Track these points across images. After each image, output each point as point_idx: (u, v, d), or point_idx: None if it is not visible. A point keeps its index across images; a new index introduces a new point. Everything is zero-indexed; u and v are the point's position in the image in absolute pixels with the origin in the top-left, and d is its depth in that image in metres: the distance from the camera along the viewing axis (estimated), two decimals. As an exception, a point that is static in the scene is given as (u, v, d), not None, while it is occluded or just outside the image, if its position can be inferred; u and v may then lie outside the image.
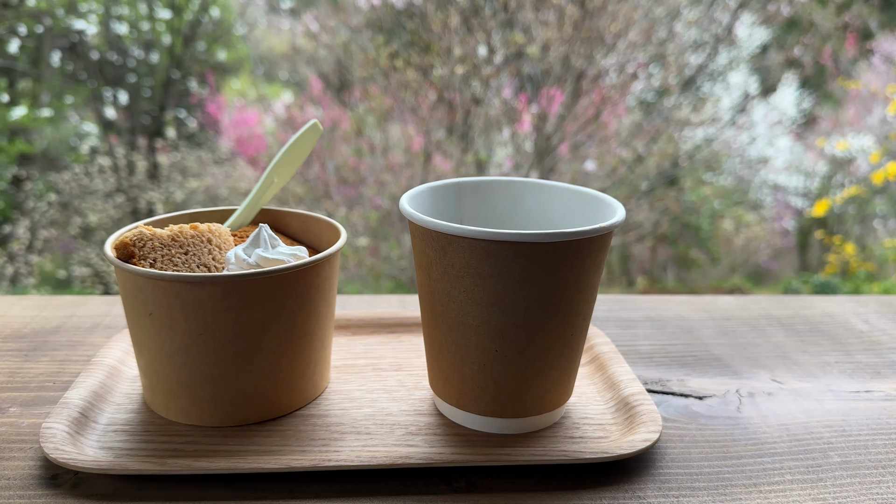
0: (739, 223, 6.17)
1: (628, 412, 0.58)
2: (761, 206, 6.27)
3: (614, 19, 3.66)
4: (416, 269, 0.57)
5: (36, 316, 0.76)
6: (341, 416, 0.58)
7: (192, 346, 0.53)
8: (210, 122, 5.40)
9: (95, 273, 4.99)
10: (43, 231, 4.84)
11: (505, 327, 0.52)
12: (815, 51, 4.71)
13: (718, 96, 4.85)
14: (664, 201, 4.63)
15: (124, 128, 5.21)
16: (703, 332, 0.76)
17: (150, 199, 4.99)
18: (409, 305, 0.82)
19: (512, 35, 3.67)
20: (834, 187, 5.60)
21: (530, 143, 3.99)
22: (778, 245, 6.34)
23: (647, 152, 4.39)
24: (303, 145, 0.68)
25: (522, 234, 0.49)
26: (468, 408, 0.56)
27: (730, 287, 5.95)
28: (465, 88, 3.74)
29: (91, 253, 4.90)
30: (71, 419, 0.54)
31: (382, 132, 4.07)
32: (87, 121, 5.37)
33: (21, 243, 4.69)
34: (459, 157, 3.87)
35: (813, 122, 5.65)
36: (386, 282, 4.25)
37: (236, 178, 5.17)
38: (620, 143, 4.27)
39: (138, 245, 0.54)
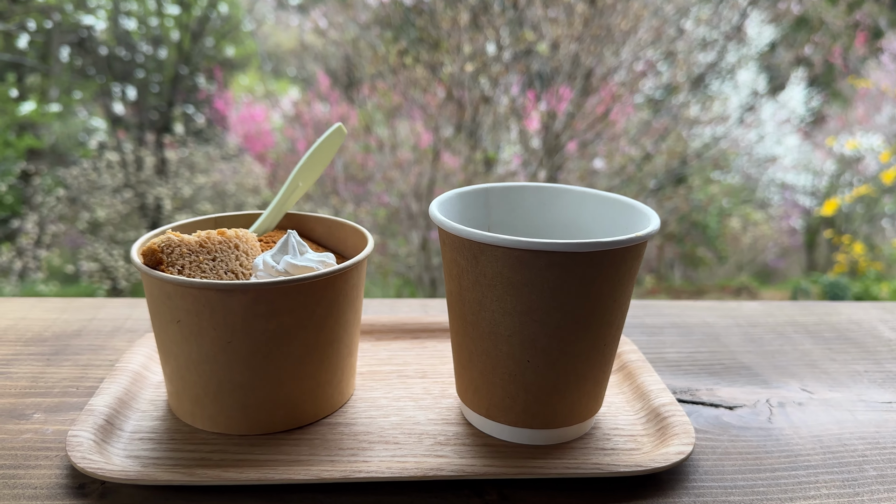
0: (747, 221, 6.15)
1: (659, 423, 0.57)
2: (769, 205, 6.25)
3: (624, 16, 3.64)
4: (445, 276, 0.56)
5: (57, 319, 0.75)
6: (368, 424, 0.57)
7: (220, 354, 0.53)
8: (218, 118, 5.40)
9: (103, 268, 5.00)
10: (51, 226, 4.85)
11: (537, 337, 0.51)
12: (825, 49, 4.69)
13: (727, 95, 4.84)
14: (673, 200, 4.61)
15: (132, 123, 5.21)
16: (730, 340, 0.75)
17: (157, 195, 4.99)
18: (432, 310, 0.81)
19: (522, 33, 3.66)
20: (842, 186, 5.58)
21: (538, 140, 3.98)
22: (785, 244, 6.32)
23: (655, 150, 4.38)
24: (327, 149, 0.68)
25: (557, 243, 0.48)
26: (498, 418, 0.55)
27: (737, 286, 5.93)
28: (475, 86, 3.73)
29: (99, 248, 4.91)
30: (97, 427, 0.54)
31: (390, 129, 4.07)
32: (95, 116, 5.38)
33: (29, 238, 4.70)
34: (468, 154, 3.86)
35: (821, 120, 5.62)
36: (394, 279, 4.24)
37: (244, 174, 5.17)
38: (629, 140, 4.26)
39: (166, 251, 0.53)
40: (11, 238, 4.82)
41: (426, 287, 3.99)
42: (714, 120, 4.58)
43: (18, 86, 4.87)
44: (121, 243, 5.08)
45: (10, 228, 4.78)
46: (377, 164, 4.08)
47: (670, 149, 4.48)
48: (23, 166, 4.85)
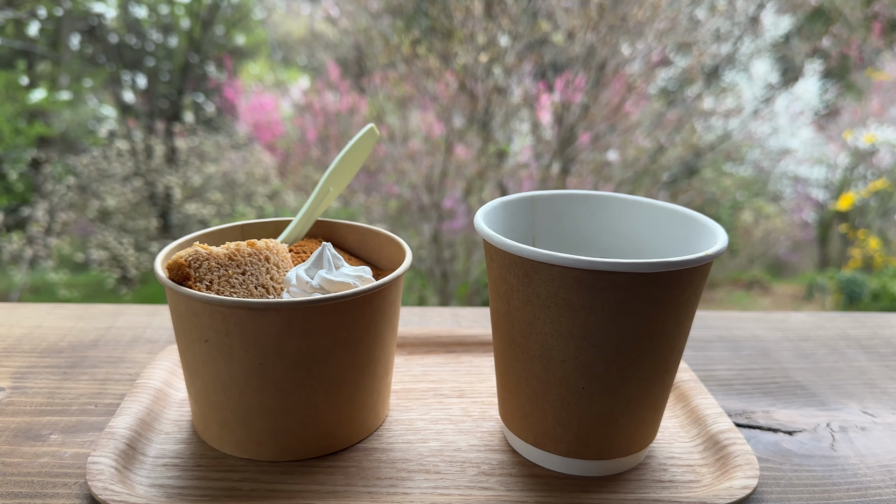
0: (759, 215, 6.09)
1: (719, 452, 0.53)
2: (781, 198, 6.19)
3: (640, 6, 3.58)
4: (490, 293, 0.52)
5: (73, 327, 0.72)
6: (406, 450, 0.54)
7: (250, 376, 0.49)
8: (227, 106, 5.37)
9: (113, 257, 4.99)
10: (61, 214, 4.84)
11: (594, 363, 0.47)
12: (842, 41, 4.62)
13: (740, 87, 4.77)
14: (688, 193, 4.56)
15: (142, 111, 5.18)
16: (782, 355, 0.71)
17: (167, 184, 4.97)
18: (464, 321, 0.77)
19: (537, 23, 3.60)
20: (855, 179, 5.51)
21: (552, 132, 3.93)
22: (797, 237, 6.26)
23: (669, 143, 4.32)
24: (359, 152, 0.64)
25: (621, 263, 0.44)
26: (547, 447, 0.51)
27: (748, 279, 5.88)
28: (488, 77, 3.68)
29: (108, 236, 4.90)
30: (118, 452, 0.50)
31: (402, 119, 4.02)
32: (105, 104, 5.35)
33: (40, 226, 4.69)
34: (481, 146, 3.81)
35: (835, 113, 5.55)
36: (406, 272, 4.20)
37: (253, 163, 5.14)
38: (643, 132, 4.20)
39: (194, 266, 0.49)
40: (22, 226, 4.81)
41: (437, 279, 3.96)
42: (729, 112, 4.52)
43: (29, 73, 4.84)
44: (130, 232, 5.06)
45: (21, 216, 4.77)
46: (388, 154, 4.04)
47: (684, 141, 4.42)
48: (33, 154, 4.84)
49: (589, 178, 4.21)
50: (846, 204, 4.98)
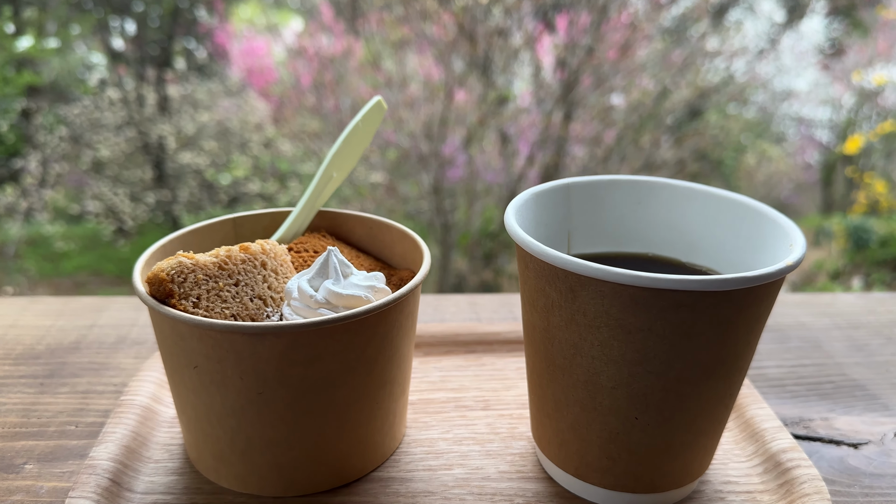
0: (762, 157, 6.00)
1: (781, 476, 0.47)
2: (784, 140, 6.09)
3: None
4: (523, 302, 0.45)
5: (51, 326, 0.65)
6: (428, 480, 0.47)
7: (248, 407, 0.42)
8: (219, 52, 5.21)
9: (108, 208, 4.93)
10: (54, 165, 4.76)
11: (651, 392, 0.40)
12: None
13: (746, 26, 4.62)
14: (693, 139, 4.45)
15: (132, 58, 5.02)
16: (833, 348, 0.65)
17: (160, 133, 4.87)
18: (483, 311, 0.70)
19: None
20: (860, 120, 5.40)
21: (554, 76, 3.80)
22: (801, 180, 6.17)
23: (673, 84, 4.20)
24: (365, 129, 0.56)
25: (687, 280, 0.37)
26: (591, 479, 0.45)
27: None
28: (487, 18, 3.54)
29: (103, 187, 4.83)
30: (101, 489, 0.44)
31: (398, 64, 3.89)
32: (94, 51, 5.19)
33: (33, 178, 4.60)
34: (481, 92, 3.69)
35: (841, 52, 5.39)
36: (404, 222, 4.13)
37: (247, 111, 5.02)
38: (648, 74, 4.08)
39: (177, 280, 0.42)
40: (15, 178, 4.72)
41: (438, 230, 3.88)
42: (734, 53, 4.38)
43: (15, 20, 4.67)
44: (125, 183, 4.98)
45: (13, 168, 4.67)
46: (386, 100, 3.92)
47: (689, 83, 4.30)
48: (23, 104, 4.71)
49: (592, 125, 4.10)
50: (854, 147, 4.87)
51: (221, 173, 4.82)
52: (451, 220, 3.89)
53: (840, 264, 3.84)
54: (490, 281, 3.93)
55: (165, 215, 5.66)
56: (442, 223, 3.87)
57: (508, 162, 3.93)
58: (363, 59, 3.96)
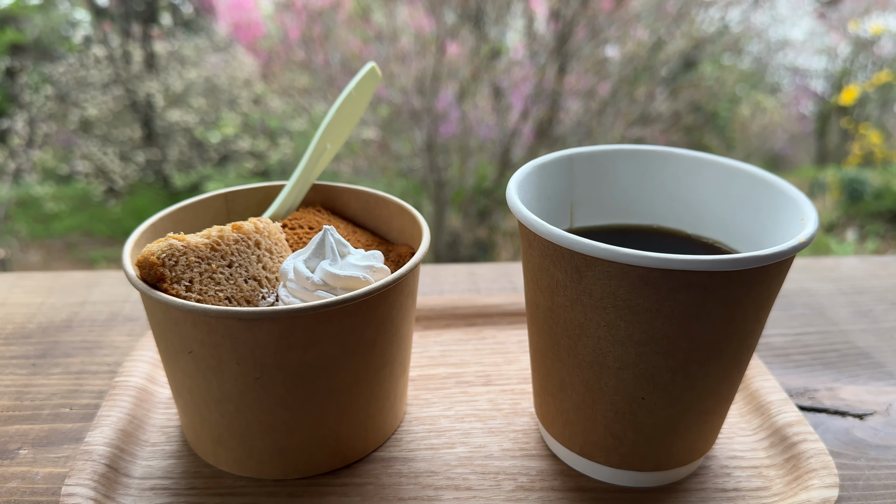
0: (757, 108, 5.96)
1: (788, 451, 0.46)
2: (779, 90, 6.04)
3: None
4: (526, 280, 0.44)
5: (42, 304, 0.63)
6: (431, 459, 0.46)
7: (246, 392, 0.41)
8: (205, 6, 5.09)
9: (98, 168, 4.88)
10: (42, 125, 4.70)
11: (658, 372, 0.40)
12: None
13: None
14: (689, 91, 4.40)
15: (117, 14, 4.91)
16: (838, 314, 0.64)
17: (148, 90, 4.80)
18: (481, 280, 0.69)
19: None
20: (856, 70, 5.34)
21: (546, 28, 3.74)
22: (795, 130, 6.14)
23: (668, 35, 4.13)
24: (359, 98, 0.54)
25: (697, 261, 0.35)
26: (596, 458, 0.44)
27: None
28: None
29: (92, 147, 4.78)
30: (97, 476, 0.43)
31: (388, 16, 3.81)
32: (77, 7, 5.07)
33: (21, 138, 4.55)
34: (474, 45, 3.63)
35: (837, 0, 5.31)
36: (397, 180, 4.10)
37: (235, 66, 4.93)
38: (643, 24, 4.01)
39: (168, 264, 0.41)
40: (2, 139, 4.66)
41: (431, 188, 3.85)
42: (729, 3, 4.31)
43: (-8, -24, 4.55)
44: (114, 142, 4.93)
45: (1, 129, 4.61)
46: (376, 54, 3.85)
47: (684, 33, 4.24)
48: (7, 63, 4.62)
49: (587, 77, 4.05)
50: (849, 98, 4.83)
51: (211, 131, 4.76)
52: (445, 177, 3.86)
53: (834, 216, 3.84)
54: (485, 238, 3.92)
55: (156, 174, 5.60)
56: (435, 180, 3.84)
57: (502, 117, 3.89)
58: (352, 12, 3.88)
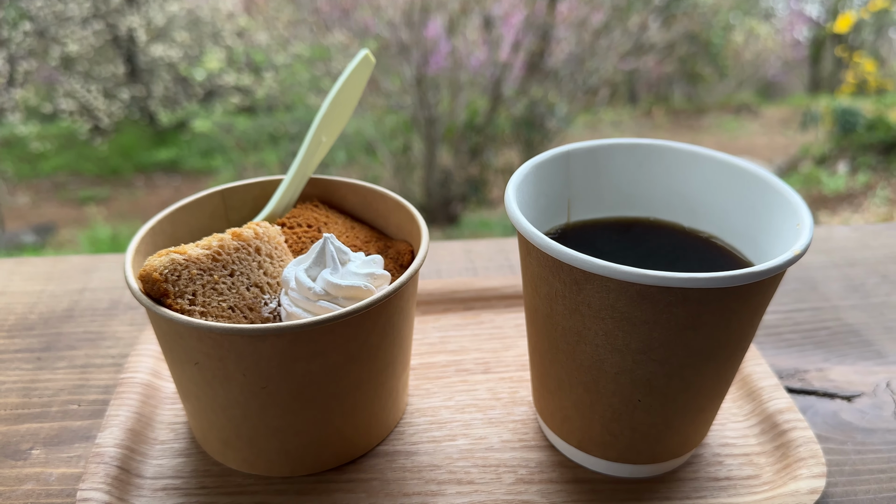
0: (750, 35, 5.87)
1: (778, 438, 0.48)
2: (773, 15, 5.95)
3: None
4: (525, 285, 0.44)
5: (42, 292, 0.64)
6: (433, 453, 0.48)
7: (252, 400, 0.42)
8: (185, -64, 4.92)
9: (82, 106, 4.81)
10: (22, 62, 4.60)
11: (654, 377, 0.41)
12: None
13: None
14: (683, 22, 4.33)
15: (93, -55, 4.75)
16: (830, 289, 0.65)
17: (130, 25, 4.68)
18: (477, 258, 0.69)
19: None
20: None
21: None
22: (788, 57, 6.07)
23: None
24: (352, 87, 0.53)
25: (696, 278, 0.36)
26: (593, 452, 0.46)
27: (737, 104, 5.77)
28: None
29: (75, 84, 4.70)
30: (110, 479, 0.44)
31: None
32: (50, -62, 4.89)
33: (1, 76, 4.46)
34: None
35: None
36: (389, 117, 4.05)
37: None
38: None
39: (171, 279, 0.41)
40: (-18, 79, 4.56)
41: (422, 125, 3.81)
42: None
43: None
44: (97, 79, 4.84)
45: (-21, 68, 4.51)
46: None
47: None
48: (-19, -2, 4.49)
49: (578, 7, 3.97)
50: (844, 26, 4.76)
51: (195, 68, 4.67)
52: (436, 114, 3.81)
53: (826, 148, 3.83)
54: (476, 176, 3.90)
55: (141, 111, 5.51)
56: (426, 117, 3.80)
57: (493, 50, 3.82)
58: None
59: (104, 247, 3.32)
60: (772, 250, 0.44)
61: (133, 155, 5.28)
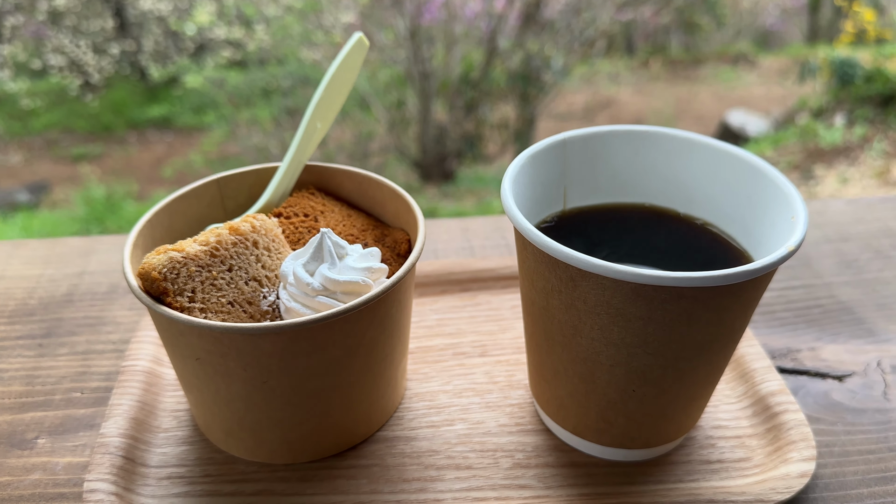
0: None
1: (770, 421, 0.49)
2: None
3: None
4: (521, 277, 0.45)
5: (41, 276, 0.64)
6: (432, 438, 0.49)
7: (253, 393, 0.43)
8: None
9: (71, 61, 4.76)
10: (9, 17, 4.53)
11: (649, 369, 0.41)
12: None
13: None
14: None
15: None
16: (823, 265, 0.66)
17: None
18: (474, 237, 0.69)
19: None
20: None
21: None
22: (787, 6, 6.00)
23: None
24: (347, 72, 0.53)
25: (690, 277, 0.36)
26: (588, 437, 0.47)
27: (735, 53, 5.71)
28: None
29: (64, 39, 4.63)
30: (115, 469, 0.45)
31: None
32: None
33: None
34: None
35: None
36: (383, 71, 4.00)
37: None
38: None
39: (170, 277, 0.41)
40: (-31, 35, 4.50)
41: (416, 80, 3.77)
42: None
43: None
44: (86, 34, 4.78)
45: (-35, 24, 4.44)
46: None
47: None
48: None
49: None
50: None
51: (186, 22, 4.59)
52: (430, 68, 3.77)
53: (824, 101, 3.81)
54: (472, 131, 3.88)
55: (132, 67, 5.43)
56: (420, 71, 3.75)
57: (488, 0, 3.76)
58: None
59: (99, 206, 3.31)
60: (766, 240, 0.44)
61: (125, 111, 5.23)
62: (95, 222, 3.11)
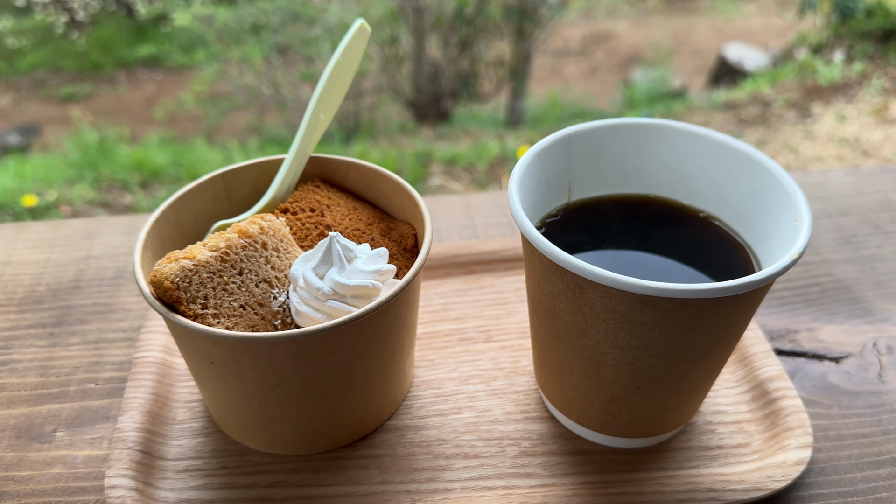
0: None
1: (767, 406, 0.51)
2: None
3: None
4: (528, 277, 0.45)
5: (47, 261, 0.64)
6: (440, 427, 0.50)
7: (267, 394, 0.44)
8: None
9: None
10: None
11: (653, 369, 0.42)
12: None
13: None
14: None
15: None
16: (822, 241, 0.66)
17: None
18: (476, 214, 0.70)
19: None
20: None
21: None
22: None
23: None
24: (350, 60, 0.52)
25: (695, 289, 0.37)
26: (592, 427, 0.48)
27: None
28: None
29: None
30: (134, 464, 0.47)
31: None
32: None
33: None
34: None
35: None
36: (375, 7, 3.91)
37: None
38: None
39: (183, 286, 0.42)
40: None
41: (409, 16, 3.69)
42: None
43: None
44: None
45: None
46: None
47: None
48: None
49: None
50: None
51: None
52: (423, 3, 3.69)
53: (823, 36, 3.74)
54: (467, 69, 3.82)
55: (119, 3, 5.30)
56: (413, 7, 3.67)
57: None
58: None
59: (92, 151, 3.27)
60: (769, 238, 0.45)
61: (113, 50, 5.13)
62: (89, 167, 3.08)
